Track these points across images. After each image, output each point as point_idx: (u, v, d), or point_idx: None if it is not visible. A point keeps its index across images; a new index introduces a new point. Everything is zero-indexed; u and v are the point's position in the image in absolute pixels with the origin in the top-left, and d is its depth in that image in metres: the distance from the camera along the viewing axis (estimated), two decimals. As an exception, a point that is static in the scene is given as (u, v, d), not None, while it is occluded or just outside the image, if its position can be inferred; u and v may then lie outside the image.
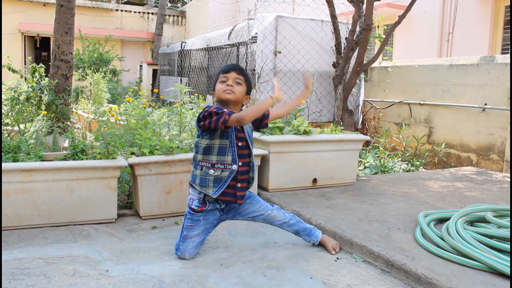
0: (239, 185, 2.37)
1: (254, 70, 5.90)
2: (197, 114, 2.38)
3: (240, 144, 2.36)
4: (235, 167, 2.33)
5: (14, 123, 4.92)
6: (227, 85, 2.34)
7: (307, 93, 2.56)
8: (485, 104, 5.00)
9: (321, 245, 2.59)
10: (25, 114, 5.77)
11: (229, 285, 2.09)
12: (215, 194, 2.33)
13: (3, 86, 6.15)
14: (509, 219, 2.52)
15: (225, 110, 2.24)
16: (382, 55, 8.65)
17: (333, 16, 5.40)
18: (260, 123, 2.53)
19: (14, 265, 2.22)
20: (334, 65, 5.62)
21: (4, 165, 2.60)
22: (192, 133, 3.80)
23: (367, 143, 5.80)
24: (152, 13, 16.75)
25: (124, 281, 2.09)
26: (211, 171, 2.33)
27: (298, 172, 3.63)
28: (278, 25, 5.80)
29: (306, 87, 2.53)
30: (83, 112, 6.94)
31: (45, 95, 6.33)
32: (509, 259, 2.11)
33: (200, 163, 2.36)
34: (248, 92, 2.43)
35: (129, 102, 4.28)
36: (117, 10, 16.30)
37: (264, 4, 6.05)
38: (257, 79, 5.80)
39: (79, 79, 11.74)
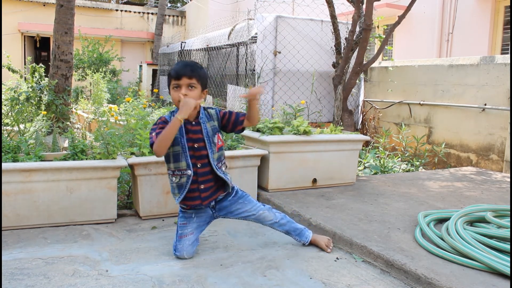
0: (202, 186, 2.36)
1: (254, 70, 5.90)
2: None
3: (196, 145, 2.32)
4: (189, 172, 2.32)
5: (14, 123, 4.92)
6: (181, 94, 2.24)
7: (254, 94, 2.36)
8: (485, 104, 5.00)
9: (312, 244, 2.59)
10: (25, 114, 5.77)
11: (229, 285, 2.09)
12: (178, 200, 2.37)
13: (3, 86, 6.15)
14: (509, 219, 2.52)
15: (153, 134, 2.20)
16: (382, 55, 8.65)
17: (333, 16, 5.40)
18: (234, 128, 2.44)
19: (13, 265, 2.22)
20: (334, 65, 5.62)
21: (4, 165, 2.60)
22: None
23: (367, 143, 5.80)
24: (152, 13, 16.75)
25: (123, 281, 2.09)
26: (173, 179, 2.37)
27: (298, 172, 3.63)
28: (278, 25, 5.80)
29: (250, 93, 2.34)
30: (83, 112, 6.94)
31: (45, 95, 6.33)
32: (509, 259, 2.11)
33: (167, 171, 2.42)
34: (204, 87, 2.34)
35: (128, 102, 4.28)
36: (117, 10, 16.30)
37: (263, 4, 6.05)
38: (257, 79, 5.80)
39: (79, 79, 11.74)
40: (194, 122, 2.35)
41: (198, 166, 2.34)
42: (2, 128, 4.42)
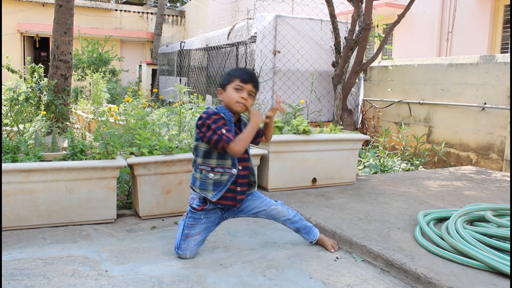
0: (238, 188, 2.37)
1: (254, 70, 5.90)
2: (198, 116, 2.35)
3: None
4: (234, 171, 2.33)
5: (13, 123, 4.91)
6: (242, 97, 2.29)
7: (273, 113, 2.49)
8: (485, 103, 5.00)
9: (318, 244, 2.59)
10: (24, 115, 5.76)
11: (229, 285, 2.09)
12: (214, 197, 2.33)
13: (2, 86, 6.15)
14: (508, 218, 2.52)
15: (223, 131, 2.21)
16: (382, 54, 8.65)
17: (332, 16, 5.40)
18: (254, 140, 2.49)
19: (13, 266, 2.22)
20: (333, 65, 5.62)
21: (3, 165, 2.60)
22: (191, 133, 3.79)
23: (366, 143, 5.80)
24: (152, 13, 16.74)
25: (123, 281, 2.09)
26: (211, 175, 2.32)
27: (298, 172, 3.63)
28: (277, 24, 5.80)
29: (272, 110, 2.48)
30: (82, 112, 6.93)
31: (44, 95, 6.33)
32: (509, 258, 2.11)
33: (199, 167, 2.35)
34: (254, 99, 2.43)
35: (128, 102, 4.28)
36: (116, 10, 16.29)
37: (263, 3, 6.05)
38: (257, 79, 5.79)
39: (78, 79, 11.73)
40: (237, 125, 2.39)
41: (240, 168, 2.36)
42: (2, 128, 4.42)
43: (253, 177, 2.47)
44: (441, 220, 2.78)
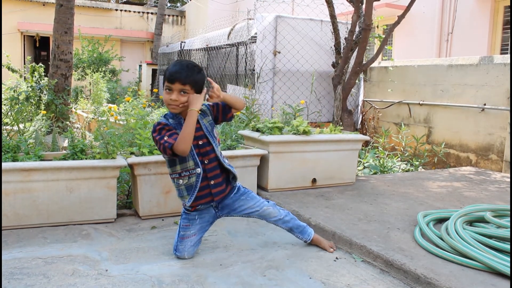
0: (212, 182, 2.35)
1: (254, 70, 5.91)
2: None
3: (200, 142, 2.32)
4: (199, 170, 2.31)
5: (13, 122, 4.91)
6: (171, 99, 2.22)
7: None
8: (484, 104, 5.00)
9: (314, 244, 2.59)
10: (24, 114, 5.76)
11: (229, 285, 2.09)
12: (189, 202, 2.34)
13: (2, 85, 6.15)
14: (508, 219, 2.53)
15: (165, 138, 2.18)
16: (382, 55, 8.65)
17: (333, 16, 5.40)
18: (224, 117, 2.43)
19: (13, 265, 2.22)
20: (333, 65, 5.62)
21: (3, 164, 2.60)
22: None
23: (366, 143, 5.80)
24: (152, 13, 16.74)
25: (123, 281, 2.09)
26: (180, 181, 2.34)
27: (298, 172, 3.63)
28: (278, 25, 5.80)
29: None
30: (83, 111, 6.94)
31: (45, 94, 6.33)
32: (508, 259, 2.12)
33: (171, 176, 2.38)
34: (200, 91, 2.28)
35: (128, 101, 4.28)
36: (116, 10, 16.30)
37: (263, 4, 6.05)
38: (257, 79, 5.80)
39: (78, 79, 11.74)
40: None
41: (206, 162, 2.33)
42: (2, 127, 4.42)
43: (224, 164, 2.39)
44: (441, 220, 2.79)
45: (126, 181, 3.50)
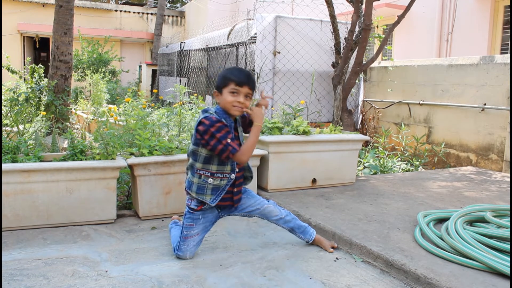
0: (235, 189, 2.40)
1: (254, 71, 5.90)
2: (197, 121, 2.29)
3: None
4: (233, 176, 2.35)
5: (13, 123, 4.91)
6: (239, 102, 2.27)
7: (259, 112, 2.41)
8: (485, 104, 5.00)
9: (315, 244, 2.60)
10: (24, 115, 5.76)
11: (229, 285, 2.09)
12: (213, 202, 2.34)
13: (2, 86, 6.15)
14: (508, 219, 2.52)
15: (228, 141, 2.20)
16: (382, 55, 8.65)
17: (332, 16, 5.40)
18: (245, 129, 2.51)
19: (13, 266, 2.22)
20: (333, 65, 5.62)
21: (3, 166, 2.60)
22: (191, 134, 3.79)
23: (366, 143, 5.80)
24: (151, 14, 16.75)
25: (123, 282, 2.09)
26: (210, 180, 2.33)
27: (298, 172, 3.63)
28: (277, 25, 5.80)
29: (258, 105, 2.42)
30: (82, 112, 6.94)
31: (44, 95, 6.33)
32: (508, 259, 2.11)
33: (198, 171, 2.34)
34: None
35: (128, 102, 4.28)
36: (116, 10, 16.30)
37: (263, 4, 6.05)
38: (257, 80, 5.80)
39: (78, 80, 11.73)
40: (234, 125, 2.39)
41: (237, 170, 2.38)
42: (2, 128, 4.42)
43: (249, 172, 2.48)
44: (441, 220, 2.79)
45: (126, 181, 3.50)
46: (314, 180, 3.70)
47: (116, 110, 5.20)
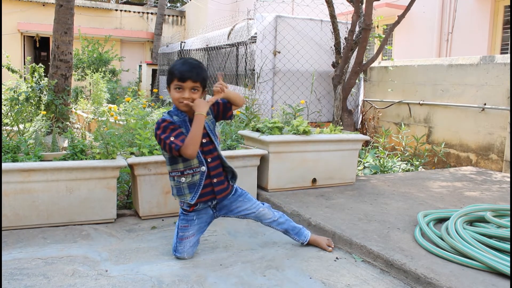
0: (214, 180, 2.37)
1: (254, 70, 5.90)
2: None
3: (204, 141, 2.32)
4: (203, 168, 2.33)
5: (13, 123, 4.91)
6: (183, 97, 2.23)
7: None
8: (485, 104, 5.00)
9: (311, 245, 2.59)
10: (24, 114, 5.76)
11: (229, 285, 2.09)
12: (193, 200, 2.34)
13: (2, 86, 6.15)
14: (508, 218, 2.52)
15: (171, 139, 2.17)
16: (382, 55, 8.65)
17: (333, 16, 5.40)
18: (224, 116, 2.47)
19: (13, 266, 2.22)
20: (333, 65, 5.62)
21: (3, 165, 2.60)
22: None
23: (366, 143, 5.80)
24: (152, 13, 16.75)
25: (123, 281, 2.09)
26: (183, 179, 2.33)
27: (298, 172, 3.63)
28: (278, 25, 5.80)
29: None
30: (83, 112, 6.94)
31: (45, 95, 6.33)
32: (508, 258, 2.12)
33: (171, 174, 2.37)
34: (204, 88, 2.33)
35: (128, 102, 4.28)
36: (116, 10, 16.31)
37: (263, 4, 6.05)
38: (257, 79, 5.80)
39: (78, 79, 11.74)
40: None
41: (209, 160, 2.34)
42: (2, 128, 4.42)
43: (226, 163, 2.43)
44: (441, 220, 2.79)
45: (126, 181, 3.50)
46: (314, 180, 3.70)
47: (116, 109, 5.21)
